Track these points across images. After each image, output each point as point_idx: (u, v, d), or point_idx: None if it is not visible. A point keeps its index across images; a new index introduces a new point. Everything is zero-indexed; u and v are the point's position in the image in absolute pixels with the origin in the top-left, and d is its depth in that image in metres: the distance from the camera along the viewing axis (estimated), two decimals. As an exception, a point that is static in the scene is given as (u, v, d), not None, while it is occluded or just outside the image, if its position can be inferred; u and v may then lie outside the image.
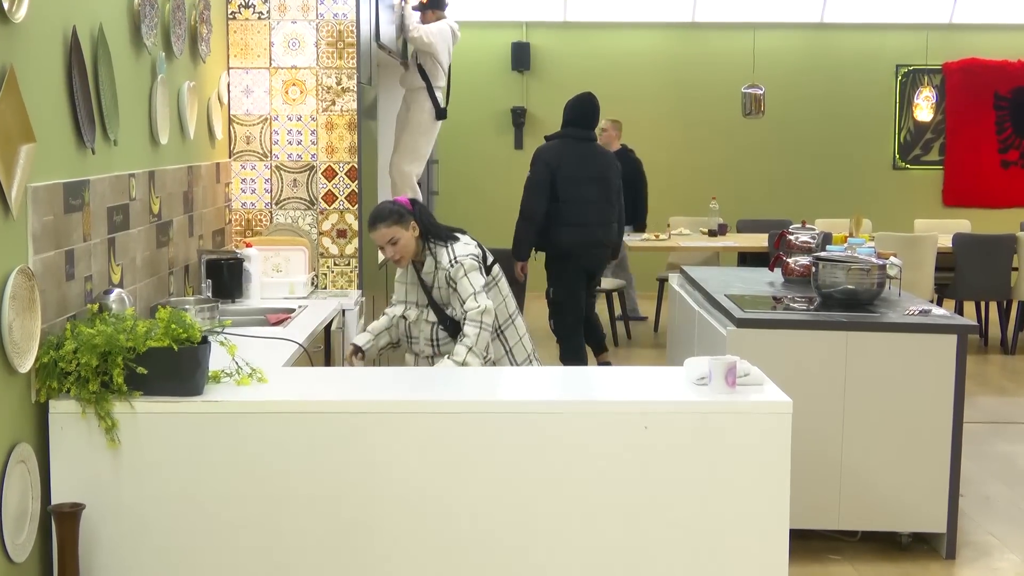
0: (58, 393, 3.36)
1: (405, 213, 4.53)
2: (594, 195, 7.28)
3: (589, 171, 7.29)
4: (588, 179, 7.28)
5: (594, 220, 7.31)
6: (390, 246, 4.52)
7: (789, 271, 6.00)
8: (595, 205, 7.29)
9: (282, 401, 3.47)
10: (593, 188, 7.28)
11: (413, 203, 4.61)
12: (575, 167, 7.28)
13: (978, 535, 5.21)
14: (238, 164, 6.00)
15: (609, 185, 7.36)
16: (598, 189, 7.30)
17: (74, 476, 3.36)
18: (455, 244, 4.53)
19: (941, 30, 12.18)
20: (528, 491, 3.43)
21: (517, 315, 4.69)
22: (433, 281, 4.55)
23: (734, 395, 3.52)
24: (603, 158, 7.42)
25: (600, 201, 7.31)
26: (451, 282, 4.47)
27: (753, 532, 3.45)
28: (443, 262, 4.49)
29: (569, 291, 7.44)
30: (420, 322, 4.60)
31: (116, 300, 3.84)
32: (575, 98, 7.48)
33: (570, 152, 7.31)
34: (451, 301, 4.51)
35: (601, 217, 7.33)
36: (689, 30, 12.22)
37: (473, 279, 4.46)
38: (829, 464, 4.88)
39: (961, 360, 4.85)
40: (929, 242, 9.11)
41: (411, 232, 4.51)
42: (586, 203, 7.28)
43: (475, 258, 4.50)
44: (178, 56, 4.87)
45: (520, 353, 4.65)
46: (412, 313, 4.63)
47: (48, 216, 3.42)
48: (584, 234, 7.33)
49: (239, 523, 3.41)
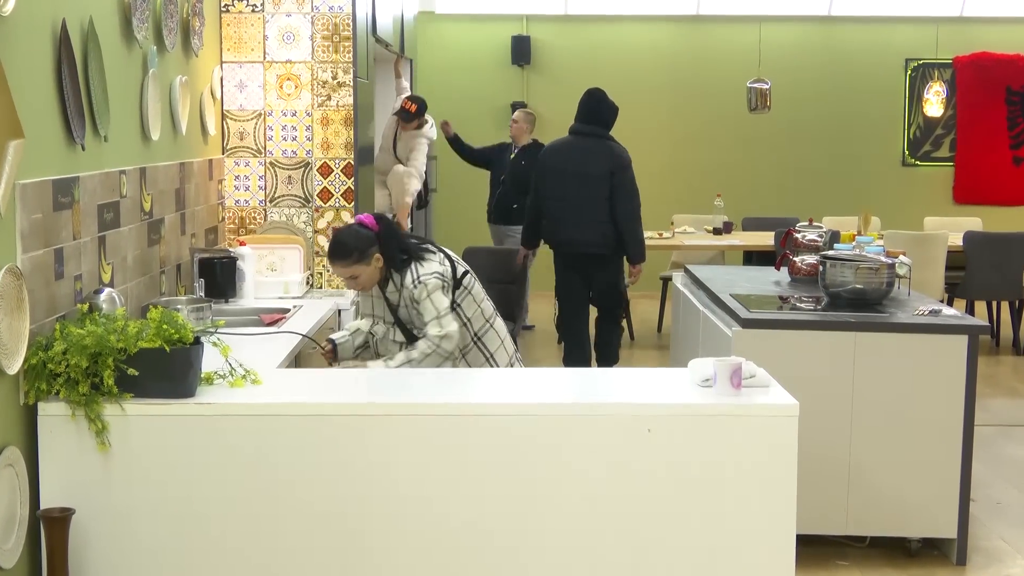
0: (47, 395, 3.35)
1: (367, 247, 4.36)
2: (572, 192, 7.09)
3: (571, 167, 7.11)
4: (570, 175, 7.11)
5: (569, 217, 7.14)
6: (351, 280, 4.45)
7: (796, 270, 6.00)
8: (570, 202, 7.11)
9: (277, 404, 3.47)
10: (573, 185, 7.10)
11: (379, 222, 4.45)
12: (560, 162, 7.17)
13: (989, 540, 5.21)
14: (231, 160, 6.00)
15: (592, 182, 7.06)
16: (578, 186, 7.09)
17: (63, 480, 3.36)
18: (420, 263, 4.40)
19: (951, 23, 12.17)
20: (528, 495, 3.43)
21: (495, 318, 4.60)
22: (399, 300, 4.46)
23: (739, 397, 3.52)
24: (592, 155, 7.09)
25: (578, 198, 7.08)
26: (414, 303, 4.40)
27: (759, 537, 3.45)
28: (407, 283, 4.38)
29: (560, 287, 7.45)
30: (387, 341, 4.50)
31: (106, 300, 3.84)
32: (585, 94, 7.35)
33: (562, 147, 7.24)
34: (416, 321, 4.45)
35: (578, 215, 7.11)
36: (693, 23, 12.22)
37: (436, 300, 4.36)
38: (837, 468, 4.88)
39: (972, 361, 4.85)
40: (939, 240, 9.11)
41: (373, 265, 4.38)
42: (562, 199, 7.14)
43: (439, 276, 4.39)
44: (170, 50, 4.87)
45: (502, 357, 4.57)
46: (379, 329, 4.54)
47: (37, 214, 3.42)
48: (555, 231, 7.24)
49: (232, 528, 3.41)
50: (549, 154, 7.28)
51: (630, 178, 7.05)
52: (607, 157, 7.06)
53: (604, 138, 7.15)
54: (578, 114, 7.23)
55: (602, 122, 7.17)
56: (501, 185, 9.61)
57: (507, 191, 9.47)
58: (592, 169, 7.05)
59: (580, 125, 7.18)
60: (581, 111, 7.22)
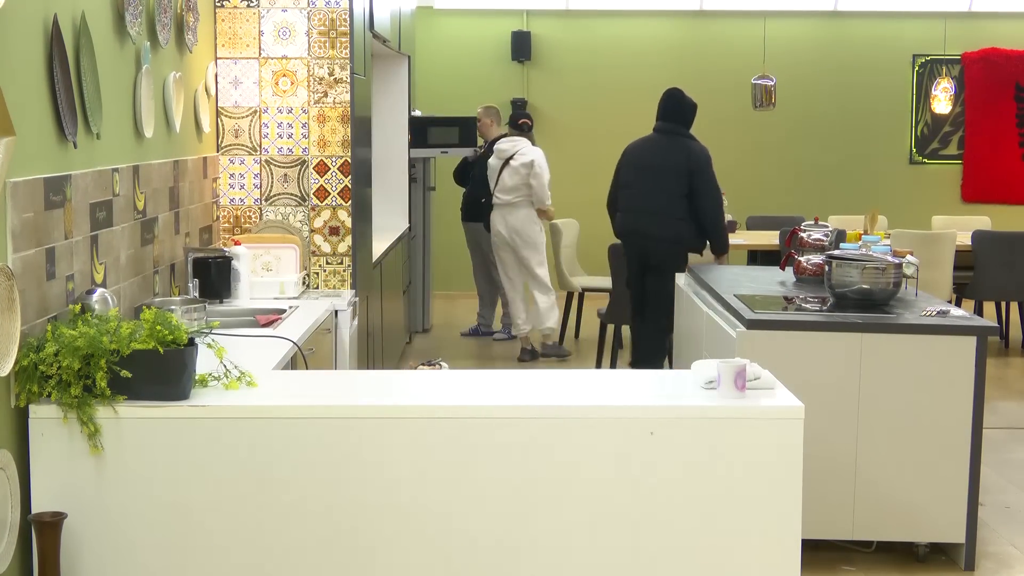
0: (38, 397, 3.36)
1: None
2: (647, 185, 7.34)
3: (648, 161, 7.37)
4: (646, 168, 7.36)
5: (642, 207, 7.37)
6: None
7: (801, 270, 6.01)
8: (644, 194, 7.36)
9: (272, 406, 3.47)
10: (649, 178, 7.33)
11: None
12: (638, 156, 7.46)
13: (998, 545, 5.21)
14: (226, 158, 6.00)
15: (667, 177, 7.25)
16: (654, 179, 7.30)
17: (55, 484, 3.37)
18: None
19: (960, 19, 12.17)
20: (528, 499, 3.43)
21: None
22: None
23: (744, 400, 3.52)
24: (670, 151, 7.29)
25: (652, 191, 7.33)
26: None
27: (763, 542, 3.45)
28: None
29: (627, 278, 7.70)
30: None
31: (99, 300, 3.83)
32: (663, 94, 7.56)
33: (643, 143, 7.52)
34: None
35: (651, 207, 7.32)
36: (697, 18, 12.22)
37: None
38: (843, 471, 4.88)
39: (981, 363, 4.85)
40: (947, 240, 9.11)
41: None
42: (636, 191, 7.41)
43: None
44: (163, 46, 4.87)
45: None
46: None
47: (28, 213, 3.42)
48: (626, 221, 7.52)
49: (227, 532, 3.41)
50: (630, 149, 7.57)
51: (711, 175, 7.26)
52: (685, 155, 7.25)
53: (684, 136, 7.34)
54: (659, 113, 7.44)
55: (682, 120, 7.37)
56: (471, 181, 9.70)
57: (476, 187, 9.57)
58: (669, 165, 7.26)
59: (661, 123, 7.41)
60: (661, 110, 7.43)
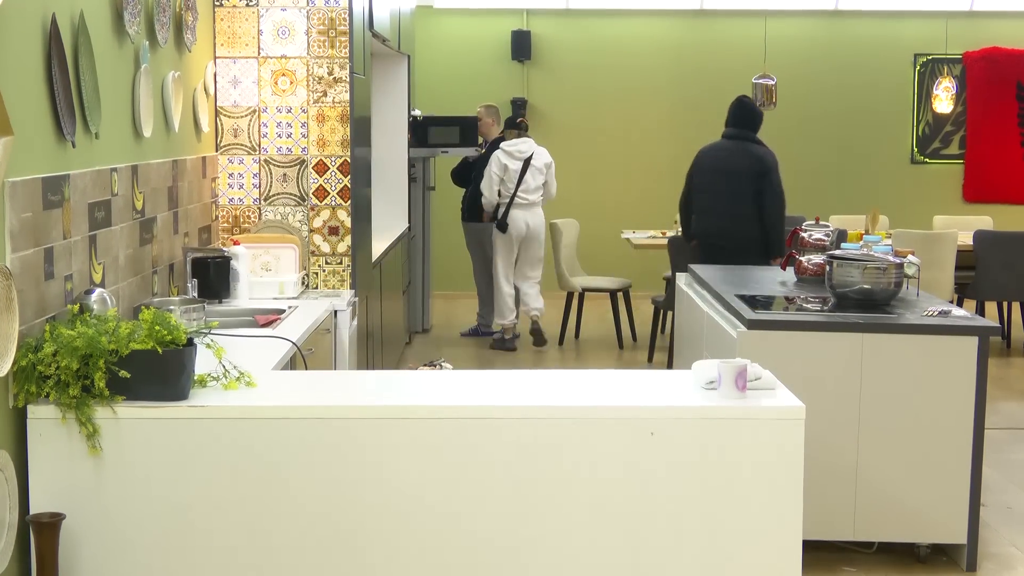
0: (37, 398, 3.36)
1: None
2: (719, 187, 7.68)
3: (720, 164, 7.73)
4: (719, 172, 7.72)
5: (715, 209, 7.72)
6: None
7: (802, 270, 6.01)
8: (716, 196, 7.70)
9: (271, 407, 3.47)
10: (720, 181, 7.68)
11: None
12: (711, 160, 7.82)
13: (1000, 546, 5.22)
14: (225, 158, 6.01)
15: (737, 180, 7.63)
16: (725, 182, 7.65)
17: (54, 484, 3.37)
18: None
19: (961, 17, 12.18)
20: (528, 500, 3.44)
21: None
22: None
23: (744, 400, 3.53)
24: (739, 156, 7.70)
25: (724, 193, 7.66)
26: None
27: (764, 543, 3.46)
28: None
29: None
30: None
31: (97, 300, 3.84)
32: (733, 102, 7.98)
33: (715, 148, 7.89)
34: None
35: (722, 208, 7.68)
36: (697, 18, 12.23)
37: None
38: (844, 472, 4.89)
39: (982, 363, 4.86)
40: (949, 240, 9.12)
41: None
42: (710, 194, 7.75)
43: None
44: (162, 45, 4.88)
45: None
46: None
47: (26, 213, 3.43)
48: (700, 222, 7.85)
49: (226, 533, 3.41)
50: (703, 154, 7.95)
51: (776, 179, 7.63)
52: (753, 159, 7.66)
53: (752, 141, 7.76)
54: (729, 119, 7.88)
55: (751, 126, 7.84)
56: (472, 182, 9.73)
57: (477, 186, 9.60)
58: (738, 168, 7.64)
59: (731, 130, 7.85)
60: (732, 116, 7.87)
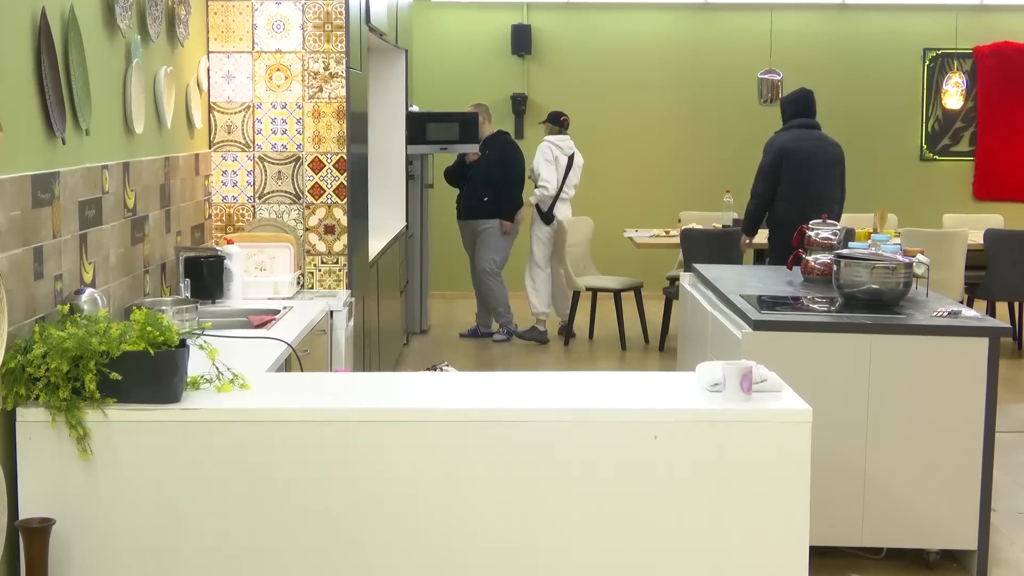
0: (26, 400, 3.35)
1: None
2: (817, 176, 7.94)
3: (814, 154, 8.00)
4: (814, 160, 7.99)
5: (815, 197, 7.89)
6: None
7: (809, 270, 6.01)
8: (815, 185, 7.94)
9: (266, 409, 3.47)
10: (819, 169, 7.96)
11: None
12: (803, 149, 8.02)
13: (1011, 552, 5.21)
14: (219, 155, 6.00)
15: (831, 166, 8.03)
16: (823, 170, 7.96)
17: (43, 489, 3.37)
18: None
19: (971, 12, 12.17)
20: (529, 504, 3.43)
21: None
22: None
23: (750, 402, 3.52)
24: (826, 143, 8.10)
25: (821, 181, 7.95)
26: None
27: (770, 549, 3.46)
28: None
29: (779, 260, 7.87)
30: None
31: (88, 301, 3.84)
32: (795, 93, 8.28)
33: (803, 137, 8.07)
34: None
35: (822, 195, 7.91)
36: (701, 12, 12.22)
37: None
38: (851, 476, 4.88)
39: (993, 365, 4.85)
40: (959, 238, 9.11)
41: None
42: (808, 183, 7.95)
43: None
44: (154, 40, 4.87)
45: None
46: None
47: (15, 211, 3.42)
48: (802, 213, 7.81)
49: (219, 538, 3.41)
50: (791, 145, 8.05)
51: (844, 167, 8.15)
52: (837, 146, 8.13)
53: (821, 130, 8.15)
54: (800, 109, 8.13)
55: (815, 116, 8.19)
56: (468, 181, 9.80)
57: (474, 185, 9.73)
58: (833, 156, 8.06)
59: (806, 120, 8.12)
60: (802, 107, 8.14)
